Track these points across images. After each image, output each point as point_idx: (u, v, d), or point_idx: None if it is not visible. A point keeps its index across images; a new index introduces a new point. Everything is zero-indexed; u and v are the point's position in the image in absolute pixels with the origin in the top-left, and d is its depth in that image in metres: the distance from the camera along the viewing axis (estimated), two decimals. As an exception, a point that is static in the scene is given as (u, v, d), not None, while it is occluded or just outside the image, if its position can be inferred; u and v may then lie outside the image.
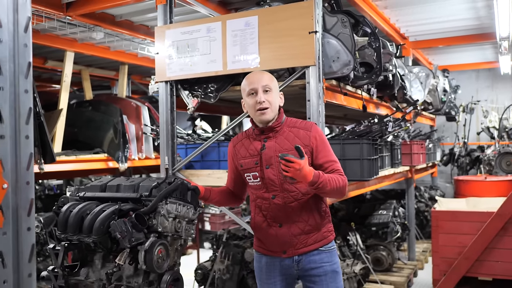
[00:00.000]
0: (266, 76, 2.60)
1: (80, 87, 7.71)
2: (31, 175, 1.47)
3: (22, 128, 1.44)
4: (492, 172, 7.14)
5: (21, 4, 1.40)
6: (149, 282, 2.37)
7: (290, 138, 2.56)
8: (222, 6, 4.50)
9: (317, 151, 2.54)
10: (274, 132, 2.58)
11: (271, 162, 2.54)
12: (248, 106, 2.59)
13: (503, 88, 8.92)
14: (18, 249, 1.43)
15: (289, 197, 2.54)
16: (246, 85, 2.60)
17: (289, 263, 2.60)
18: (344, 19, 3.48)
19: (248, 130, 2.73)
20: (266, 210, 2.59)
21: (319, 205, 2.61)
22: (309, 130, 2.57)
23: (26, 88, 1.44)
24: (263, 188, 2.58)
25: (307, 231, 2.56)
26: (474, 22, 5.53)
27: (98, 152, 5.63)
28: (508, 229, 4.73)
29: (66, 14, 4.42)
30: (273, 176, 2.54)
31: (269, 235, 2.60)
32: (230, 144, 2.78)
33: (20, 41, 1.40)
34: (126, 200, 2.48)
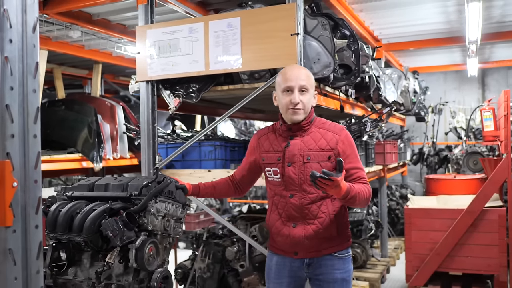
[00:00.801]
0: (304, 74, 2.52)
1: (51, 86, 7.57)
2: (39, 173, 1.48)
3: (30, 127, 1.45)
4: (460, 171, 7.39)
5: (29, 4, 1.41)
6: (139, 280, 2.40)
7: (317, 138, 2.50)
8: (202, 7, 4.52)
9: (344, 156, 2.45)
10: (301, 131, 2.52)
11: (293, 160, 2.48)
12: (281, 102, 2.52)
13: (469, 90, 9.24)
14: (26, 247, 1.45)
15: (306, 198, 2.47)
16: (282, 81, 2.51)
17: (299, 265, 2.54)
18: (324, 22, 3.56)
19: (274, 125, 2.67)
20: (282, 209, 2.54)
21: (337, 209, 2.54)
22: (338, 134, 2.50)
23: (34, 87, 1.46)
24: (282, 185, 2.52)
25: (321, 234, 2.49)
26: (444, 26, 5.72)
27: (72, 152, 5.54)
28: (477, 226, 4.93)
29: (42, 12, 4.35)
30: (294, 175, 2.48)
31: (282, 234, 2.54)
32: (254, 136, 2.73)
33: (28, 42, 1.42)
34: (116, 199, 2.50)
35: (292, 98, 2.45)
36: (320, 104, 3.83)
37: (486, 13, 5.17)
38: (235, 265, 4.01)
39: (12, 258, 1.35)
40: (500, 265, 4.85)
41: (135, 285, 2.36)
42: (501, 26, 5.83)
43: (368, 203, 2.49)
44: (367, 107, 4.96)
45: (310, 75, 2.56)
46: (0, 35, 1.34)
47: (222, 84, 3.81)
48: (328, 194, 2.43)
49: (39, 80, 1.43)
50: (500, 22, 5.64)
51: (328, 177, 2.12)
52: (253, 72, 3.66)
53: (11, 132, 1.36)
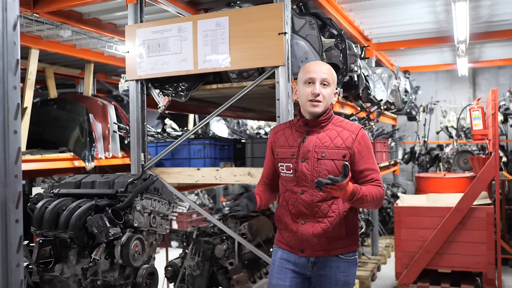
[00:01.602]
0: (328, 69, 2.50)
1: (43, 85, 7.58)
2: (19, 168, 1.51)
3: (10, 124, 1.47)
4: (451, 169, 7.45)
5: (10, 3, 1.43)
6: (125, 276, 2.43)
7: (333, 136, 2.48)
8: (191, 6, 4.55)
9: (360, 157, 2.44)
10: (318, 127, 2.50)
11: (307, 156, 2.46)
12: (301, 94, 2.49)
13: (460, 89, 9.29)
14: (6, 241, 1.47)
15: (317, 196, 2.44)
16: (304, 73, 2.50)
17: (304, 263, 2.51)
18: (312, 21, 3.59)
19: (292, 120, 2.66)
20: (292, 205, 2.51)
21: (348, 210, 2.51)
22: (355, 133, 2.47)
23: (14, 84, 1.48)
24: (294, 181, 2.49)
25: (330, 234, 2.45)
26: (433, 26, 5.76)
27: (64, 151, 5.55)
28: (465, 223, 4.98)
29: (33, 11, 4.36)
30: (307, 171, 2.45)
31: (290, 230, 2.52)
32: (271, 132, 2.70)
33: (9, 39, 1.44)
34: (102, 196, 2.52)
35: (313, 89, 2.43)
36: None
37: (473, 13, 5.22)
38: (224, 262, 4.03)
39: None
40: (488, 263, 4.90)
41: (120, 281, 2.39)
42: (490, 26, 5.87)
43: (380, 205, 2.46)
44: (357, 106, 4.99)
45: (333, 71, 2.53)
46: (-19, 32, 1.37)
47: (211, 83, 3.84)
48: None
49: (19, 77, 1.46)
50: (488, 22, 5.68)
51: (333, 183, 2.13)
52: (241, 71, 3.68)
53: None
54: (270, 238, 4.27)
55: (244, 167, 3.76)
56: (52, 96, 6.56)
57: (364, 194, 2.30)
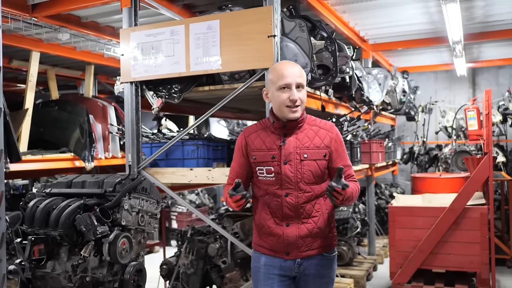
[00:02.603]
0: (299, 71, 2.47)
1: (45, 87, 7.68)
2: (1, 170, 1.59)
3: (-8, 126, 1.55)
4: (449, 169, 7.48)
5: (-10, 12, 1.51)
6: (113, 273, 2.51)
7: (311, 136, 2.49)
8: (187, 9, 4.63)
9: (337, 154, 2.49)
10: (296, 128, 2.49)
11: (290, 158, 2.43)
12: (277, 100, 2.45)
13: (460, 89, 9.31)
14: (-12, 237, 1.55)
15: (302, 197, 2.44)
16: (277, 77, 2.45)
17: (291, 265, 2.50)
18: (301, 24, 3.66)
19: (264, 122, 2.61)
20: (275, 208, 2.48)
21: (329, 209, 2.55)
22: (331, 131, 2.51)
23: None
24: (277, 184, 2.46)
25: (315, 234, 2.48)
26: (429, 26, 5.80)
27: (65, 152, 5.64)
28: (459, 223, 5.01)
29: (31, 15, 4.46)
30: (290, 173, 2.43)
31: (274, 234, 2.49)
32: (240, 135, 2.62)
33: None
34: (91, 196, 2.60)
35: (291, 96, 2.39)
36: (300, 104, 3.93)
37: (467, 13, 5.26)
38: (217, 261, 4.11)
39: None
40: (482, 263, 4.93)
41: (109, 278, 2.47)
42: (485, 26, 5.91)
43: (356, 199, 2.56)
44: (351, 107, 5.05)
45: (303, 71, 2.52)
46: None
47: (204, 84, 3.91)
48: (322, 193, 2.46)
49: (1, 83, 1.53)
50: (483, 22, 5.72)
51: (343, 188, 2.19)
52: (233, 73, 3.75)
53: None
54: (263, 237, 4.33)
55: (236, 167, 3.82)
56: (54, 98, 6.66)
57: (349, 194, 2.34)
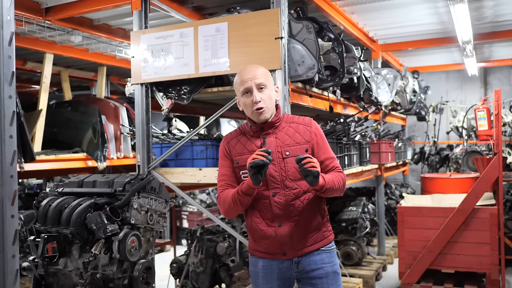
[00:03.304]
0: (259, 72, 2.48)
1: (59, 88, 7.82)
2: (15, 169, 1.66)
3: (6, 129, 1.63)
4: (460, 170, 7.45)
5: (6, 22, 1.59)
6: (122, 270, 2.57)
7: (290, 133, 2.50)
8: (196, 12, 4.69)
9: (318, 148, 2.50)
10: (273, 128, 2.50)
11: (272, 158, 2.37)
12: (244, 105, 2.48)
13: (471, 89, 9.27)
14: (3, 234, 1.62)
15: (290, 195, 2.44)
16: (238, 84, 2.48)
17: (288, 265, 2.49)
18: (309, 26, 3.70)
19: (242, 127, 2.62)
20: (265, 210, 2.47)
21: (319, 203, 2.53)
22: (310, 126, 2.52)
23: (10, 94, 1.63)
24: (263, 185, 2.45)
25: (308, 230, 2.48)
26: (438, 26, 5.80)
27: (77, 152, 5.73)
28: (468, 224, 5.01)
29: (45, 18, 4.56)
30: (275, 173, 2.44)
31: (268, 236, 2.47)
32: (222, 143, 2.63)
33: (5, 53, 1.59)
34: (102, 195, 2.67)
35: (254, 98, 2.41)
36: (308, 105, 3.98)
37: (477, 13, 5.26)
38: (226, 260, 4.17)
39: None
40: (492, 263, 4.92)
41: (118, 275, 2.54)
42: (495, 26, 5.89)
43: (343, 192, 2.51)
44: (360, 107, 5.08)
45: (266, 71, 2.51)
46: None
47: (213, 86, 3.97)
48: (309, 188, 2.44)
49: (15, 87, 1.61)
50: (493, 22, 5.70)
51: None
52: (241, 74, 3.80)
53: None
54: (271, 236, 4.38)
55: (244, 167, 3.88)
56: (67, 98, 6.77)
57: (331, 181, 2.37)
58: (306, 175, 2.25)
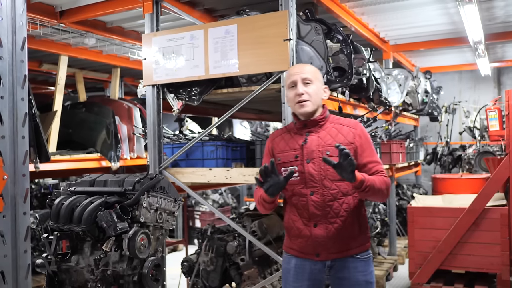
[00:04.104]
0: (307, 68, 2.55)
1: (74, 89, 7.95)
2: (27, 168, 1.74)
3: (19, 130, 1.71)
4: (472, 170, 7.42)
5: (18, 27, 1.67)
6: (132, 267, 2.64)
7: (333, 134, 2.49)
8: (208, 14, 4.76)
9: (362, 150, 2.48)
10: (317, 127, 2.51)
11: (312, 157, 2.45)
12: (288, 99, 2.55)
13: (485, 89, 9.22)
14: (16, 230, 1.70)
15: (328, 195, 2.43)
16: (286, 79, 2.57)
17: (321, 268, 2.49)
18: (317, 27, 3.74)
19: (289, 125, 2.67)
20: (302, 208, 2.48)
21: (359, 208, 2.50)
22: (354, 128, 2.52)
23: (22, 96, 1.71)
24: (301, 183, 2.47)
25: (344, 234, 2.45)
26: (449, 27, 5.79)
27: (92, 152, 5.84)
28: (479, 224, 4.99)
29: (59, 21, 4.67)
30: (314, 171, 2.45)
31: (303, 235, 2.48)
32: (268, 140, 2.69)
33: (17, 58, 1.67)
34: (112, 194, 2.75)
35: (296, 90, 2.48)
36: (317, 106, 4.01)
37: (488, 13, 5.24)
38: (236, 259, 4.22)
39: (2, 239, 1.61)
40: (503, 264, 4.90)
41: (128, 272, 2.61)
42: (507, 26, 5.86)
43: (387, 196, 2.48)
44: (369, 108, 5.10)
45: (314, 69, 2.56)
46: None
47: (223, 87, 4.03)
48: (349, 191, 2.43)
49: (27, 90, 1.69)
50: (505, 22, 5.68)
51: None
52: (250, 75, 3.87)
53: (2, 133, 1.62)
54: (280, 236, 4.43)
55: (253, 168, 3.93)
56: (82, 99, 6.90)
57: (373, 181, 2.33)
58: (345, 158, 2.18)
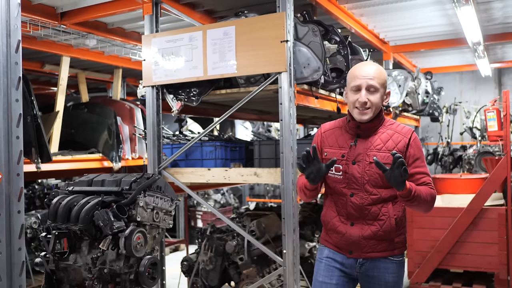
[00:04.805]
0: (375, 72, 2.41)
1: (77, 90, 8.00)
2: (21, 168, 1.78)
3: (13, 130, 1.75)
4: (472, 170, 7.43)
5: (13, 30, 1.71)
6: (129, 265, 2.68)
7: (384, 139, 2.44)
8: (207, 15, 4.80)
9: (413, 160, 2.41)
10: (370, 131, 2.46)
11: (358, 159, 2.42)
12: (349, 100, 2.46)
13: (485, 90, 9.23)
14: (10, 228, 1.74)
15: (368, 199, 2.41)
16: (350, 79, 2.47)
17: (352, 264, 2.50)
18: (314, 29, 3.77)
19: (342, 120, 2.60)
20: (341, 207, 2.48)
21: (398, 213, 2.46)
22: (407, 136, 2.44)
23: (17, 98, 1.76)
24: (343, 183, 2.46)
25: (379, 236, 2.43)
26: (448, 28, 5.81)
27: (93, 152, 5.87)
28: (477, 224, 5.03)
29: (60, 23, 4.71)
30: (357, 174, 2.42)
31: (338, 231, 2.50)
32: (318, 130, 2.65)
33: (12, 60, 1.71)
34: (109, 193, 2.79)
35: (360, 97, 2.38)
36: (315, 106, 4.05)
37: (486, 15, 5.26)
38: (235, 258, 4.26)
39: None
40: (500, 263, 4.94)
41: (125, 270, 2.65)
42: (506, 27, 5.87)
43: (431, 209, 2.41)
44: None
45: (382, 74, 2.45)
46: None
47: (221, 88, 4.07)
48: (391, 197, 2.40)
49: (21, 92, 1.73)
50: (503, 23, 5.69)
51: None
52: (249, 76, 3.90)
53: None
54: (279, 235, 4.46)
55: (251, 168, 3.97)
56: (84, 100, 6.94)
57: (420, 192, 2.29)
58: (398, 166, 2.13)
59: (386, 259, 2.46)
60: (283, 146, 3.59)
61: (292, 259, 3.53)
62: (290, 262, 3.53)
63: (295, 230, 3.58)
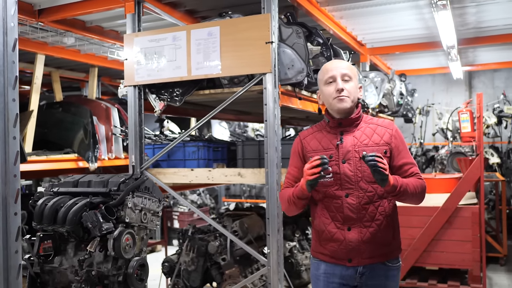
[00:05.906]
0: (345, 64, 2.46)
1: (50, 88, 7.84)
2: (18, 169, 1.75)
3: (10, 131, 1.71)
4: (445, 170, 7.63)
5: (10, 28, 1.67)
6: (117, 267, 2.66)
7: (369, 134, 2.42)
8: (189, 15, 4.77)
9: (398, 151, 2.41)
10: (352, 126, 2.44)
11: (348, 157, 2.37)
12: (325, 95, 2.44)
13: (457, 92, 9.48)
14: (7, 230, 1.71)
15: (364, 197, 2.36)
16: (323, 74, 2.46)
17: (352, 274, 2.42)
18: (298, 31, 3.81)
19: (320, 124, 2.57)
20: (336, 211, 2.40)
21: (393, 212, 2.46)
22: (390, 128, 2.45)
23: (13, 97, 1.72)
24: (336, 185, 2.39)
25: (378, 239, 2.38)
26: (424, 31, 5.94)
27: (69, 152, 5.75)
28: (452, 222, 5.17)
29: (38, 20, 4.61)
30: (350, 172, 2.37)
31: (336, 239, 2.40)
32: (296, 139, 2.59)
33: (9, 59, 1.68)
34: (97, 194, 2.76)
35: (336, 85, 2.38)
36: (297, 107, 4.09)
37: (461, 19, 5.40)
38: (217, 258, 4.26)
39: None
40: (474, 260, 5.09)
41: (113, 272, 2.62)
42: (479, 32, 6.04)
43: (422, 199, 2.44)
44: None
45: (352, 67, 2.48)
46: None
47: (204, 88, 4.06)
48: (385, 193, 2.35)
49: (18, 91, 1.69)
50: (477, 28, 5.85)
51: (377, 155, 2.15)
52: (232, 77, 3.90)
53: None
54: (261, 235, 4.49)
55: (235, 168, 3.98)
56: (58, 99, 6.81)
57: (406, 184, 2.29)
58: (374, 170, 2.17)
59: (385, 265, 2.44)
60: (267, 146, 3.60)
61: (277, 258, 3.54)
62: (275, 261, 3.54)
63: (279, 230, 3.59)
